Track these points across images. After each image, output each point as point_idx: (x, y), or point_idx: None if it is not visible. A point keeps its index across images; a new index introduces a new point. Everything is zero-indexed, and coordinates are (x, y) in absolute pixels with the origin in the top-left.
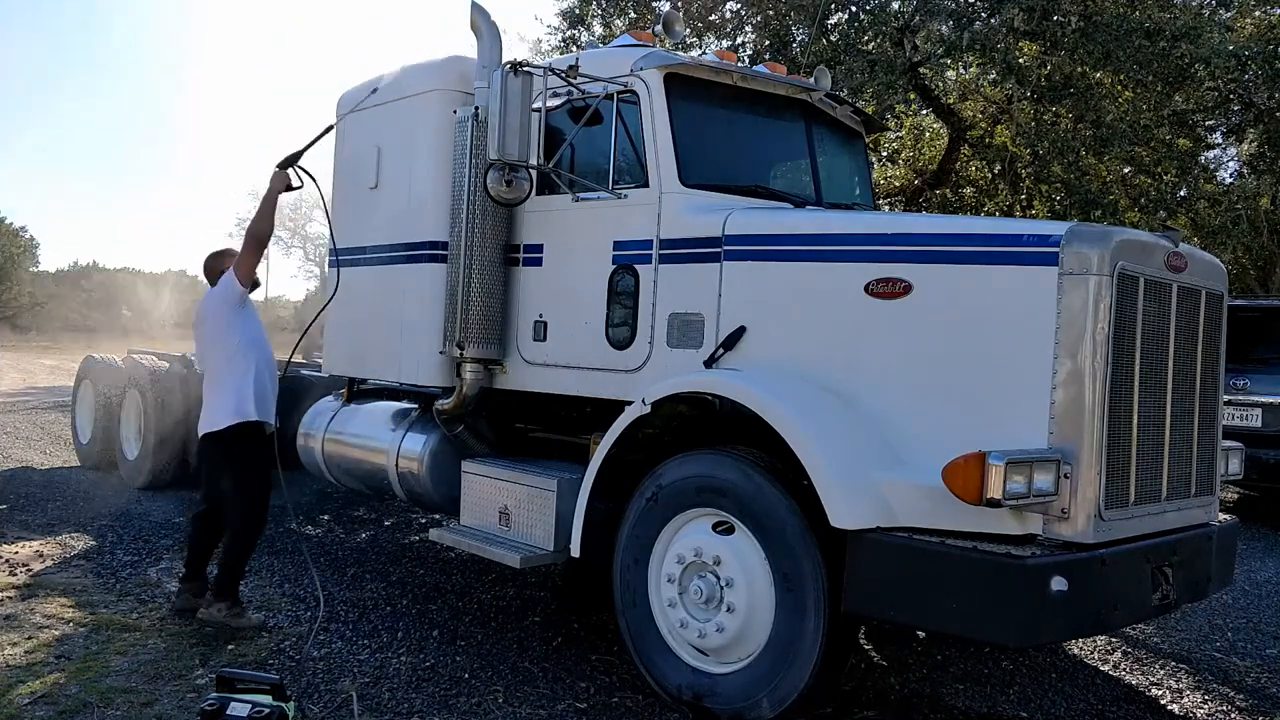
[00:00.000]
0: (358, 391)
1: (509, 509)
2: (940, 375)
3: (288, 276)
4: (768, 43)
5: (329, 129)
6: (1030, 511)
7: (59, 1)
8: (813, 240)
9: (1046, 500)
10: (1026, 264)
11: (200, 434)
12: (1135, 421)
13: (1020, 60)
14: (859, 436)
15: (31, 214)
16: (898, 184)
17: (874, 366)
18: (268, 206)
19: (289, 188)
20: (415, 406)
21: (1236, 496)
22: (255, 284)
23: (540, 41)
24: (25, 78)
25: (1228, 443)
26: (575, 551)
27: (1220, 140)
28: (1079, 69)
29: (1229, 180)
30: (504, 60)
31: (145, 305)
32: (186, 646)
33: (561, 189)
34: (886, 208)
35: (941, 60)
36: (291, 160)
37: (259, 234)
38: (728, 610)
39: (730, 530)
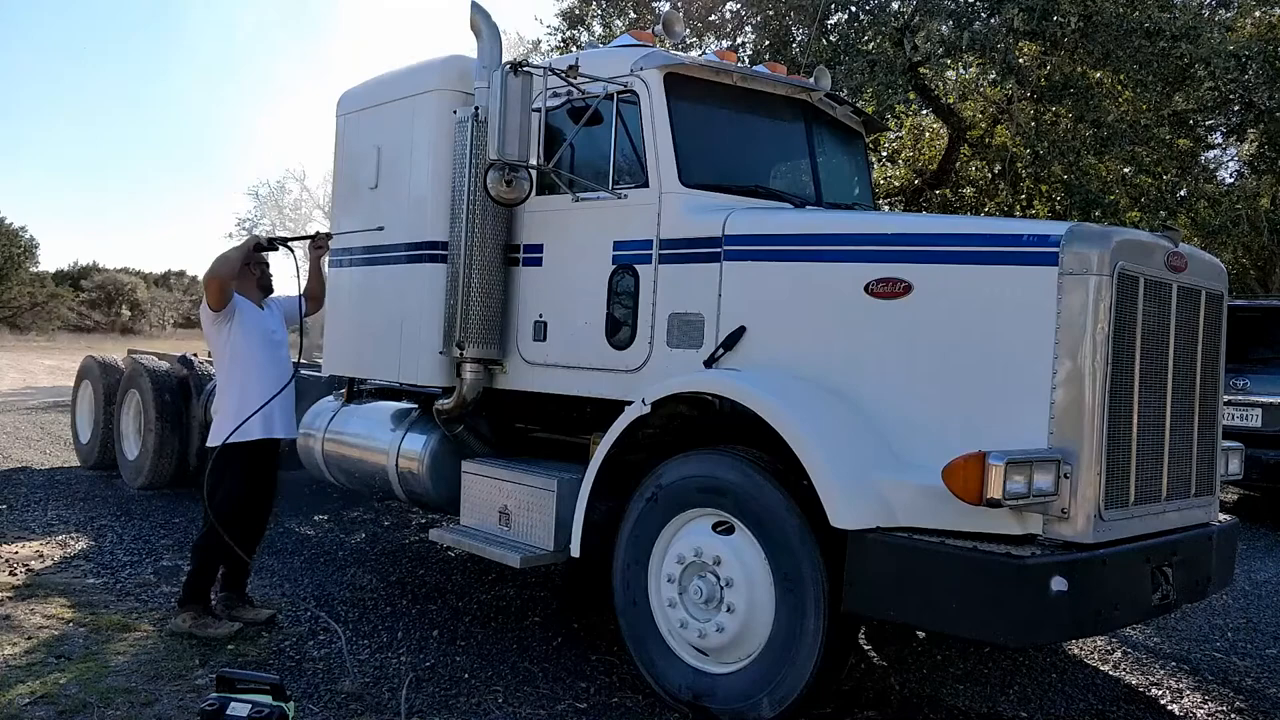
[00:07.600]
0: (357, 391)
1: (509, 509)
2: (940, 375)
3: (288, 276)
4: (768, 43)
5: (308, 237)
6: (1030, 511)
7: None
8: (813, 240)
9: (1046, 500)
10: (1026, 264)
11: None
12: (1135, 422)
13: (1020, 60)
14: (859, 436)
15: (31, 214)
16: (898, 184)
17: (874, 366)
18: (235, 255)
19: (259, 247)
20: (415, 406)
21: (1236, 496)
22: (267, 290)
23: (540, 42)
24: (26, 78)
25: (1228, 443)
26: (575, 551)
27: (1220, 140)
28: (1079, 69)
29: (1229, 180)
30: (504, 60)
31: (144, 305)
32: (186, 646)
33: (561, 189)
34: (886, 208)
35: (941, 60)
36: (272, 242)
37: (218, 274)
38: (728, 610)
39: (730, 530)
